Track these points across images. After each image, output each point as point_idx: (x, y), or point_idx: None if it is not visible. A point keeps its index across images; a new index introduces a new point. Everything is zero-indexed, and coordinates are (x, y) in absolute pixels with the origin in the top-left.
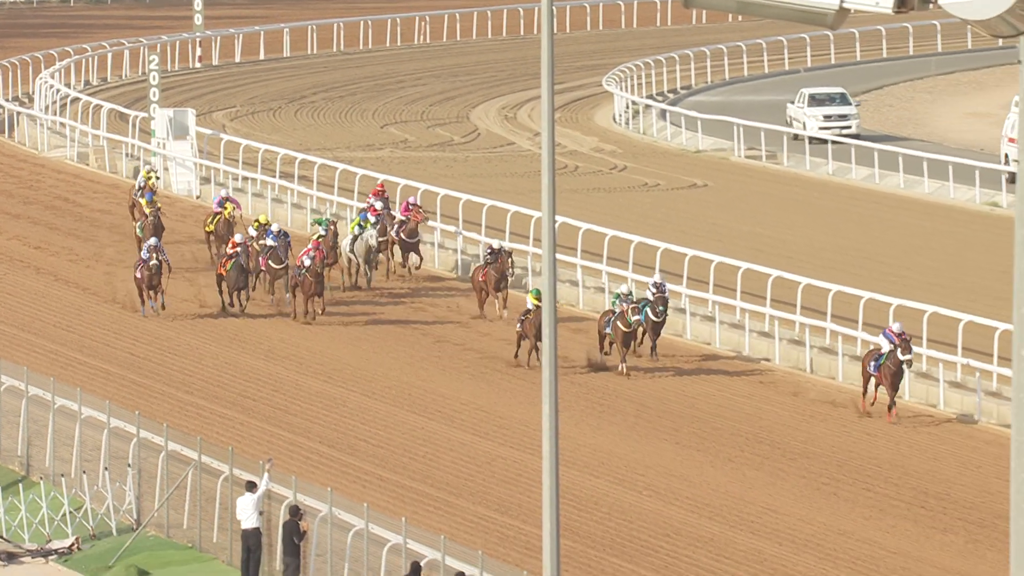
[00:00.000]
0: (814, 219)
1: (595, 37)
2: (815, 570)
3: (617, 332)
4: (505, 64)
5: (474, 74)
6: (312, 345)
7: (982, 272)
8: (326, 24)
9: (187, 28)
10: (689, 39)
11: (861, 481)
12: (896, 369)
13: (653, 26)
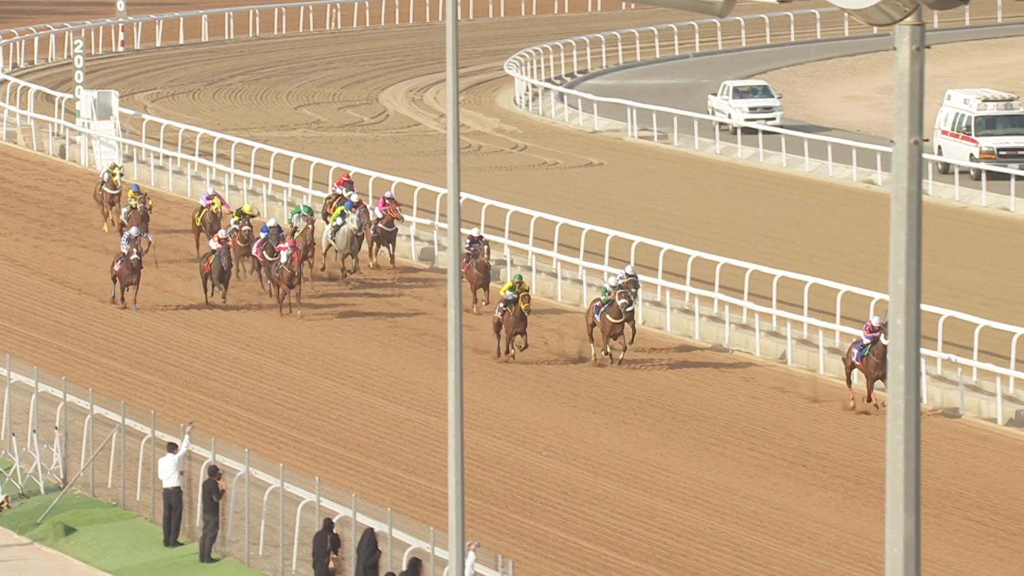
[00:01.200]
0: (703, 196)
1: (496, 24)
2: (703, 525)
3: (605, 322)
4: (412, 49)
5: (383, 58)
6: (229, 315)
7: (859, 245)
8: (242, 11)
9: (110, 14)
10: (585, 26)
11: (746, 442)
12: (880, 360)
13: (551, 14)
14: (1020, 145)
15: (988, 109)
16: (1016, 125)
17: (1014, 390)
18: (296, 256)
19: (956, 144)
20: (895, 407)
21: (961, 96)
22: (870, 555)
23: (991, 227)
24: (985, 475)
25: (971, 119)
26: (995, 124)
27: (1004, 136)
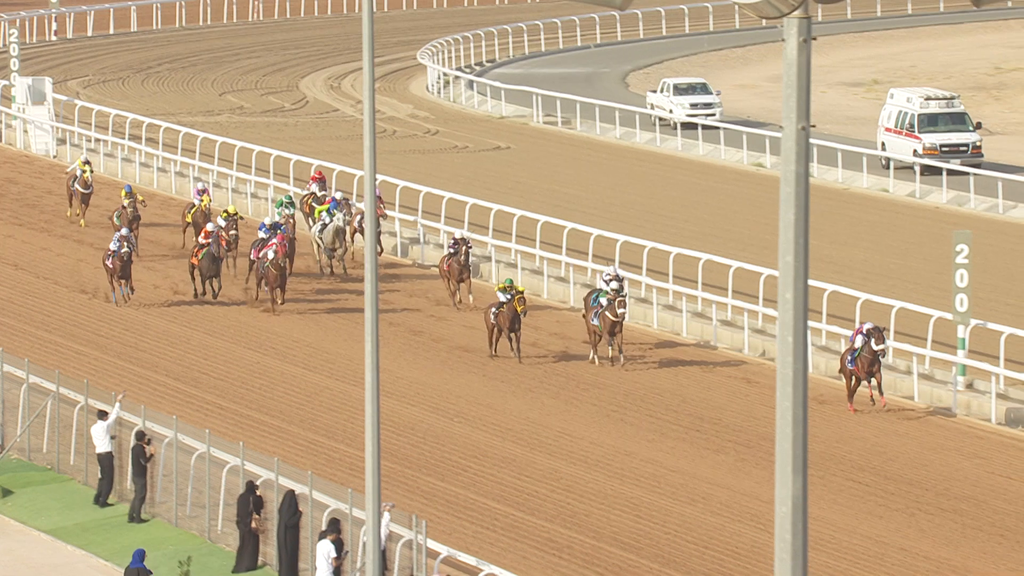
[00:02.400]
0: (604, 178)
1: (410, 16)
2: (605, 486)
3: (605, 323)
4: (330, 39)
5: (303, 48)
6: (158, 292)
7: (749, 224)
8: (170, 2)
9: (44, 4)
10: (493, 17)
11: (645, 409)
12: (872, 358)
13: (461, 6)
14: (962, 142)
15: (931, 107)
16: (957, 122)
17: (893, 360)
18: (281, 250)
19: (900, 141)
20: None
21: (904, 94)
22: (759, 514)
23: (872, 207)
24: (866, 439)
25: (914, 117)
26: (937, 121)
27: (946, 133)
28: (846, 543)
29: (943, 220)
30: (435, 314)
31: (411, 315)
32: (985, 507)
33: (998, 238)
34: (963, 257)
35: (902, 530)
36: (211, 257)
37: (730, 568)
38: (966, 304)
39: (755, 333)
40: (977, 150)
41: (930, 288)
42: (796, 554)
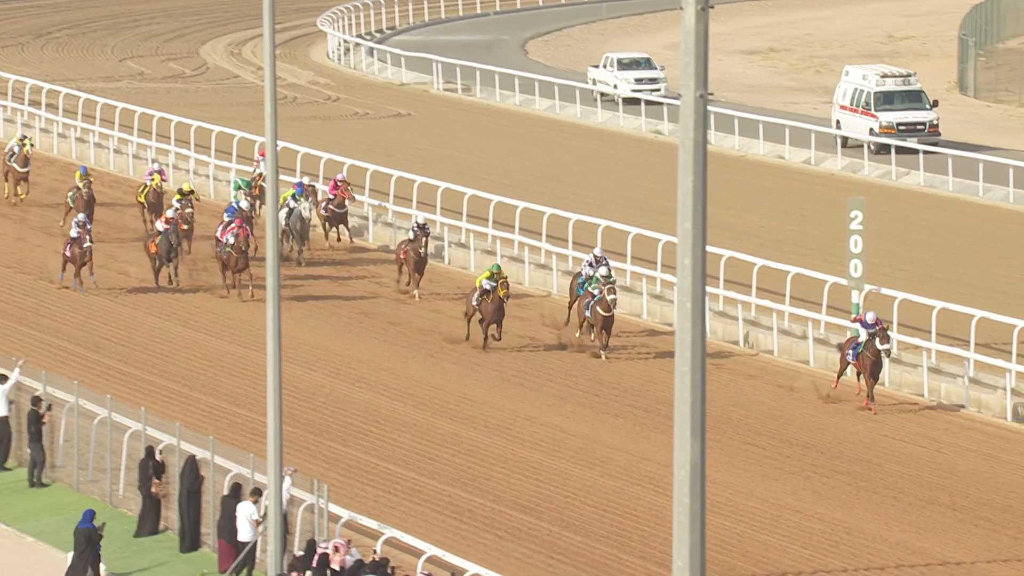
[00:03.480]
0: (504, 144)
1: None
2: (505, 450)
3: (596, 317)
4: (230, 5)
5: (203, 14)
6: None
7: (647, 191)
8: None
9: None
10: None
11: (545, 374)
12: (875, 359)
13: None
14: (919, 120)
15: (887, 85)
16: (913, 100)
17: (789, 324)
18: (243, 234)
19: (856, 119)
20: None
21: (859, 72)
22: (658, 477)
23: (768, 174)
24: (762, 403)
25: (870, 95)
26: (893, 99)
27: (903, 111)
28: (743, 506)
29: (838, 187)
30: (339, 276)
31: (315, 282)
32: (879, 469)
33: (892, 204)
34: (857, 223)
35: (797, 493)
36: (167, 245)
37: (628, 531)
38: (860, 270)
39: (653, 299)
40: (934, 129)
41: (825, 254)
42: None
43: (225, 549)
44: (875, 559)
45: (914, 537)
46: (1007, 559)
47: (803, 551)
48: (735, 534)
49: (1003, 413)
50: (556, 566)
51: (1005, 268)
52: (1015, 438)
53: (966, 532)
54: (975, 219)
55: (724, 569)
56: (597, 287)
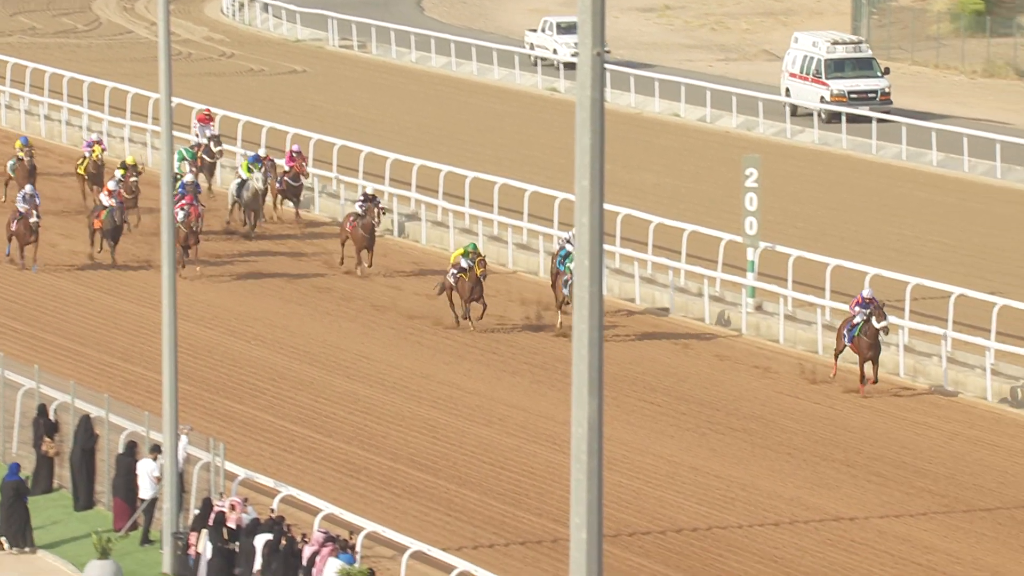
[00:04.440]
0: (400, 102)
1: None
2: (403, 408)
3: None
4: None
5: None
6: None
7: (544, 148)
8: None
9: None
10: None
11: (441, 332)
12: (872, 341)
13: None
14: (871, 88)
15: (837, 52)
16: (864, 68)
17: (685, 282)
18: (194, 212)
19: (806, 87)
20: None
21: (809, 39)
22: (555, 435)
23: (664, 131)
24: (658, 360)
25: (820, 62)
26: (844, 67)
27: (855, 79)
28: (639, 462)
29: (733, 144)
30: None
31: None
32: (773, 426)
33: (786, 162)
34: (752, 181)
35: (693, 449)
36: (112, 223)
37: (526, 488)
38: (755, 227)
39: (550, 256)
40: (886, 97)
41: (720, 211)
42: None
43: (121, 508)
44: (769, 515)
45: (808, 493)
46: (899, 514)
47: (698, 507)
48: (631, 491)
49: (896, 369)
50: (453, 523)
51: (898, 225)
52: (907, 394)
53: (859, 487)
54: (868, 177)
55: (620, 525)
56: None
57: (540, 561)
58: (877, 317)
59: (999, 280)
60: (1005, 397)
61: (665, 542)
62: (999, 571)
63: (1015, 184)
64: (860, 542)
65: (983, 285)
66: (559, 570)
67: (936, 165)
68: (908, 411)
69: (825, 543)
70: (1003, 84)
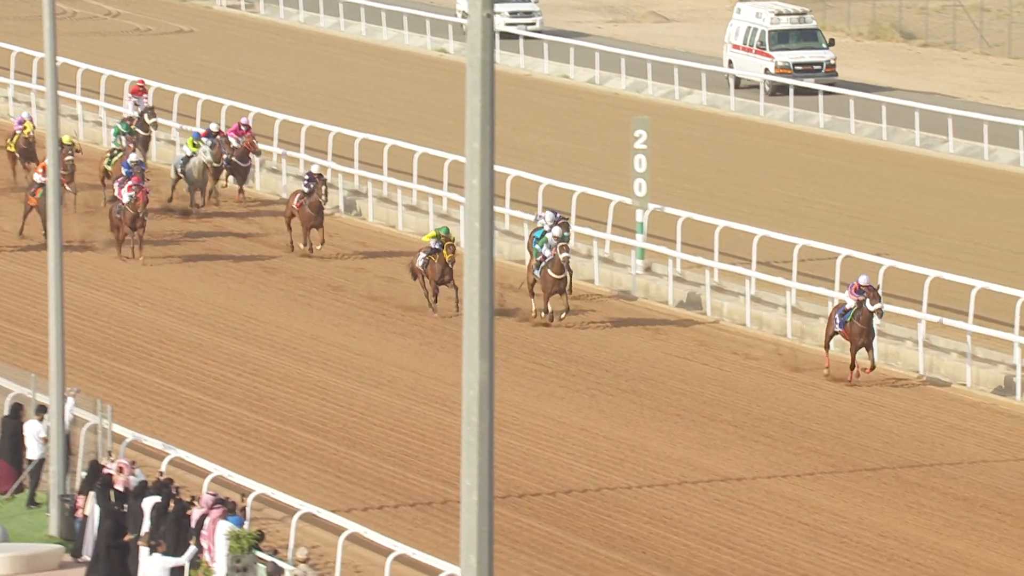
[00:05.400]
0: (288, 62)
1: None
2: (292, 370)
3: (546, 279)
4: None
5: None
6: None
7: (433, 110)
8: None
9: None
10: None
11: (330, 294)
12: (865, 326)
13: None
14: (816, 60)
15: (781, 23)
16: (809, 39)
17: (575, 243)
18: (141, 196)
19: (749, 59)
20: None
21: (752, 9)
22: (445, 396)
23: (553, 93)
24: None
25: (764, 33)
26: (788, 38)
27: (799, 51)
28: (529, 424)
29: (622, 106)
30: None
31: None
32: (662, 387)
33: (675, 124)
34: (642, 143)
35: (583, 411)
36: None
37: (416, 450)
38: (645, 189)
39: (440, 218)
40: (831, 68)
41: (609, 173)
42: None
43: (6, 470)
44: (658, 476)
45: (696, 454)
46: (786, 474)
47: (588, 468)
48: (521, 452)
49: (783, 331)
50: (343, 485)
51: (785, 187)
52: (791, 353)
53: (747, 448)
54: (756, 138)
55: (510, 487)
56: (550, 247)
57: (430, 522)
58: (871, 300)
59: (884, 242)
60: (890, 358)
61: (555, 503)
62: (884, 530)
63: (899, 146)
64: (747, 502)
65: (868, 246)
66: (449, 531)
67: (823, 127)
68: (795, 372)
69: (713, 503)
70: (888, 46)
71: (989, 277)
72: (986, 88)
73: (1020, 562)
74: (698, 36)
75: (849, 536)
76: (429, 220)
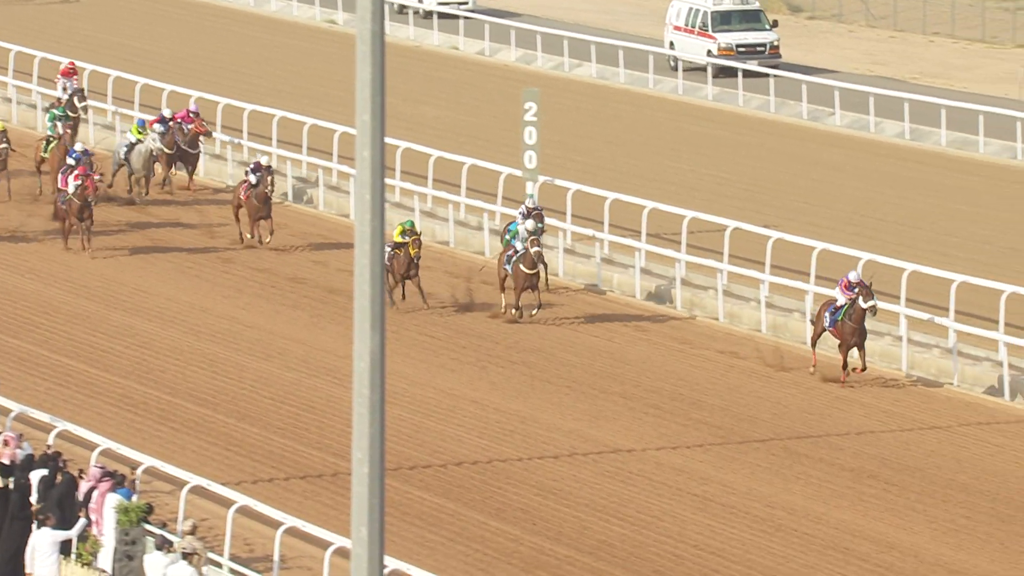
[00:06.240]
0: (175, 32)
1: None
2: (181, 342)
3: (517, 274)
4: None
5: None
6: None
7: (323, 81)
8: None
9: None
10: None
11: (220, 265)
12: (857, 325)
13: None
14: (759, 41)
15: (724, 4)
16: (752, 20)
17: (465, 215)
18: (90, 185)
19: (691, 40)
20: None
21: None
22: (336, 368)
23: (443, 65)
24: (438, 295)
25: (707, 15)
26: (730, 19)
27: (742, 32)
28: (420, 396)
29: (512, 77)
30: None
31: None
32: (553, 359)
33: (564, 96)
34: (531, 115)
35: (474, 383)
36: None
37: (306, 422)
38: (535, 161)
39: (330, 190)
40: (775, 50)
41: (500, 145)
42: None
43: None
44: (548, 447)
45: (587, 426)
46: (676, 446)
47: (479, 440)
48: (412, 424)
49: (674, 303)
50: (233, 458)
51: (675, 159)
52: (681, 325)
53: (637, 420)
54: (645, 110)
55: (401, 459)
56: (522, 240)
57: (320, 495)
58: (864, 297)
59: (773, 214)
60: (778, 330)
61: (446, 475)
62: (772, 501)
63: (787, 119)
64: (637, 473)
65: (757, 218)
66: (340, 503)
67: (712, 99)
68: (684, 343)
69: (603, 475)
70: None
71: (875, 249)
72: (872, 61)
73: (905, 531)
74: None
75: (738, 507)
76: (319, 192)
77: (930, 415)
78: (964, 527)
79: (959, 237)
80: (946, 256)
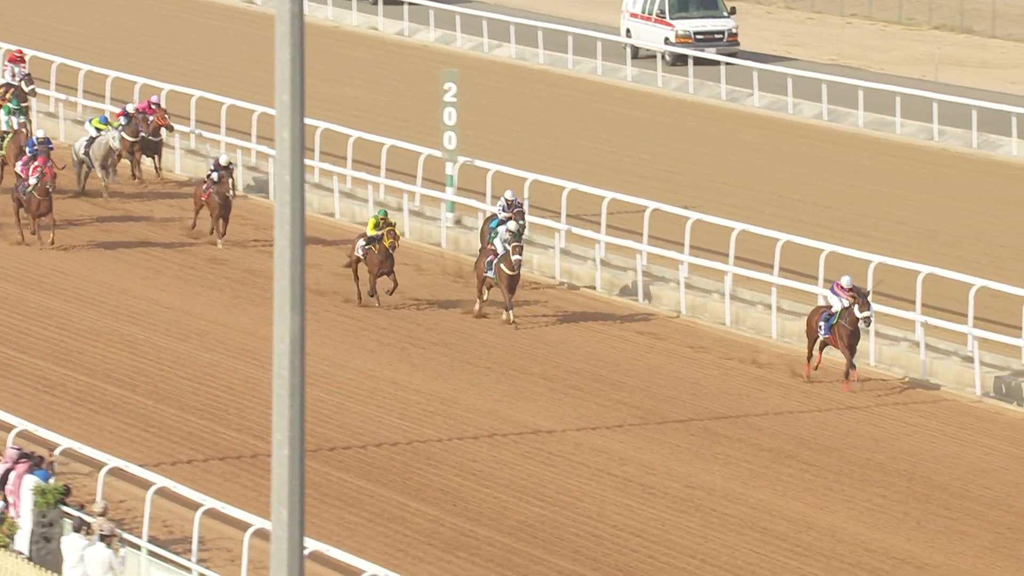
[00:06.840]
0: (94, 12)
1: None
2: (99, 324)
3: (501, 276)
4: None
5: None
6: None
7: (240, 61)
8: None
9: None
10: None
11: (139, 247)
12: (853, 329)
13: None
14: (717, 28)
15: None
16: (709, 7)
17: (384, 196)
18: (48, 173)
19: (648, 28)
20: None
21: None
22: (255, 350)
23: (362, 45)
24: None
25: (664, 2)
26: (688, 6)
27: (700, 19)
28: (340, 377)
29: (431, 58)
30: None
31: None
32: (473, 340)
33: (484, 76)
34: (451, 95)
35: (394, 364)
36: None
37: (225, 403)
38: (454, 142)
39: (249, 170)
40: (733, 37)
41: (420, 126)
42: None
43: None
44: (468, 428)
45: (507, 406)
46: (595, 426)
47: (399, 422)
48: (332, 406)
49: (592, 283)
50: (151, 439)
51: (594, 140)
52: (601, 306)
53: (557, 401)
54: (565, 91)
55: (321, 440)
56: (503, 242)
57: (240, 476)
58: (860, 307)
59: (692, 195)
60: (696, 310)
61: (366, 456)
62: (691, 481)
63: (706, 100)
64: (557, 454)
65: (677, 199)
66: (259, 485)
67: (631, 80)
68: (604, 324)
69: (523, 455)
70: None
71: (794, 230)
72: (790, 42)
73: (823, 511)
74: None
75: (657, 487)
76: (239, 173)
77: (847, 395)
78: (880, 506)
79: (876, 218)
80: (863, 237)
